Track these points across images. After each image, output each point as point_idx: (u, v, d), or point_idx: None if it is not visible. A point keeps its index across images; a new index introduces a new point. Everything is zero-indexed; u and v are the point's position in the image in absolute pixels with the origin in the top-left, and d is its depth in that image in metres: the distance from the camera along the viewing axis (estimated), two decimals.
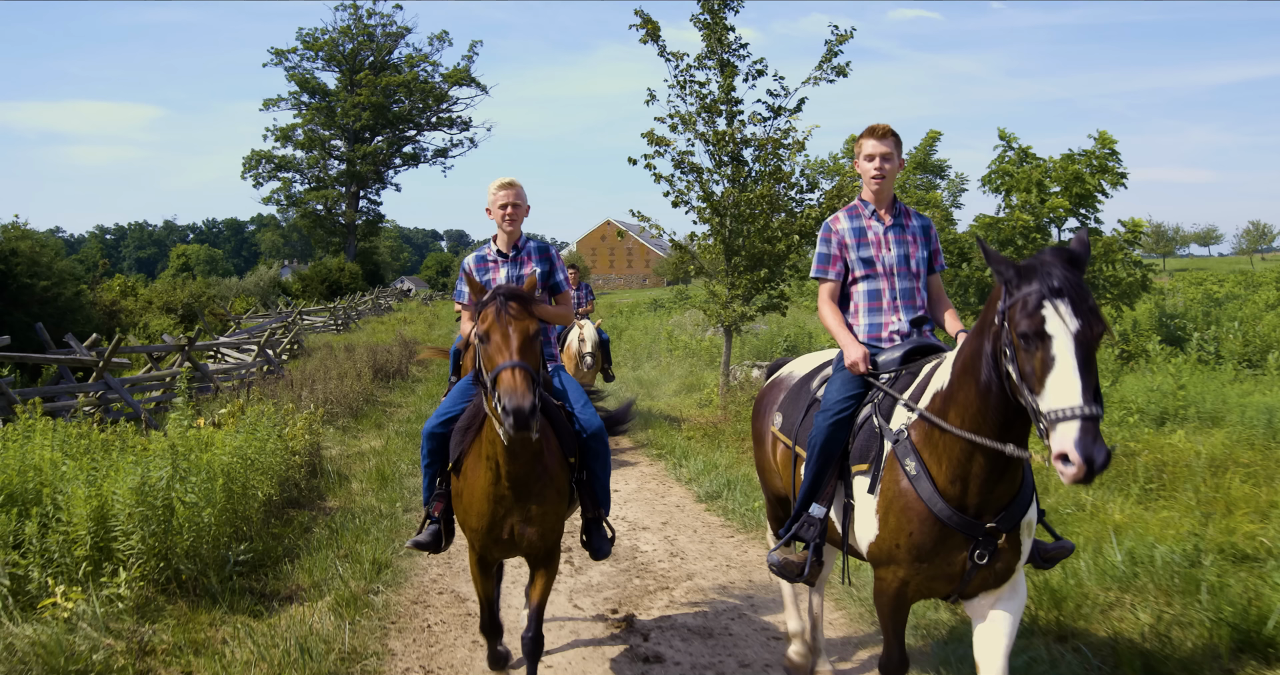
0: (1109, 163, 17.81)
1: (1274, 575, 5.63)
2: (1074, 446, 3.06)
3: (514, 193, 5.40)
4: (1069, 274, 3.33)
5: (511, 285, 4.47)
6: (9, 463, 6.91)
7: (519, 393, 3.93)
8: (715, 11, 15.31)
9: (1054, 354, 3.21)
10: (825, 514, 4.50)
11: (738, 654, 5.64)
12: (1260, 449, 9.08)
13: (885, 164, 4.76)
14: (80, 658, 4.88)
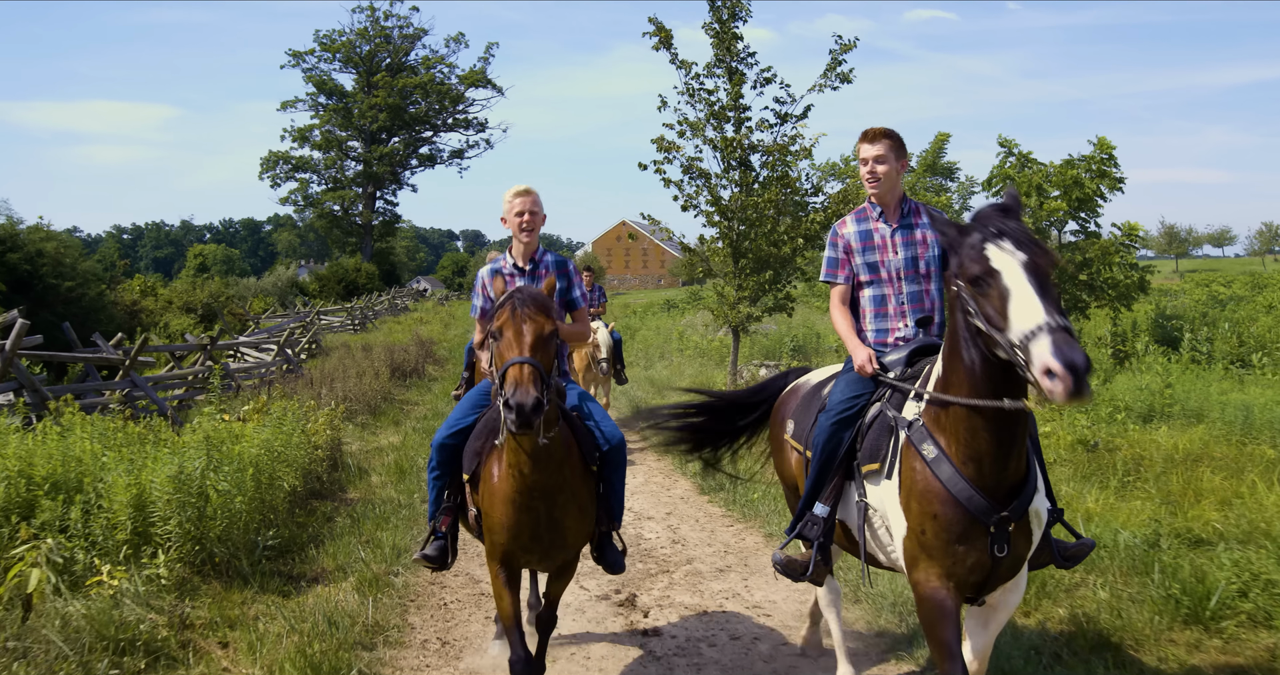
0: (1107, 168, 18.15)
1: (1222, 557, 6.06)
2: (1052, 356, 3.05)
3: (530, 200, 5.24)
4: (1005, 219, 3.45)
5: (530, 287, 4.34)
6: (52, 454, 7.40)
7: (524, 387, 3.82)
8: (724, 21, 15.78)
9: (1007, 285, 3.27)
10: (829, 513, 4.56)
11: (729, 628, 6.10)
12: (1236, 444, 9.49)
13: (879, 167, 4.77)
14: (129, 628, 5.36)
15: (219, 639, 5.78)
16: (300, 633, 5.66)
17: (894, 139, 4.82)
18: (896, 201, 4.89)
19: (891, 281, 4.80)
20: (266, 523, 7.76)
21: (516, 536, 4.46)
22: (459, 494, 4.90)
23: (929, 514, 3.85)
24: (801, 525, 4.64)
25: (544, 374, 3.96)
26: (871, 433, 4.36)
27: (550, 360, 4.10)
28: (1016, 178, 19.20)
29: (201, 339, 19.22)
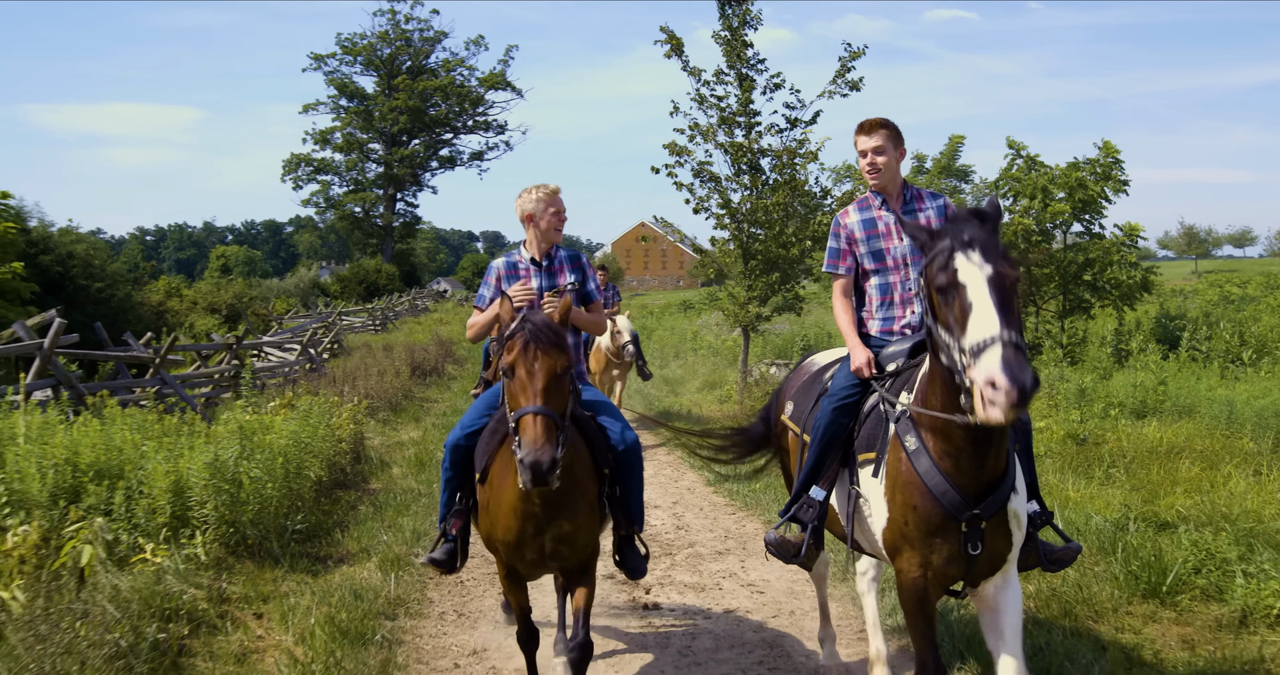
0: (1112, 171, 18.53)
1: (1182, 538, 6.48)
2: (1000, 370, 3.08)
3: (561, 199, 5.32)
4: (978, 228, 3.43)
5: (542, 315, 4.25)
6: (95, 444, 7.93)
7: (538, 445, 3.75)
8: (735, 29, 16.19)
9: (970, 300, 3.28)
10: (825, 497, 4.60)
11: (724, 603, 6.57)
12: (1220, 438, 9.89)
13: (878, 157, 4.80)
14: (172, 598, 5.86)
15: (254, 611, 6.28)
16: (329, 604, 6.17)
17: (890, 128, 4.86)
18: (898, 189, 4.91)
19: (897, 268, 4.81)
20: (295, 508, 8.27)
21: (519, 546, 4.43)
22: (471, 496, 4.84)
23: (910, 505, 3.92)
24: (796, 508, 4.71)
25: (559, 421, 3.90)
26: (869, 422, 4.41)
27: (564, 401, 4.03)
28: (1023, 180, 19.60)
29: (227, 339, 19.78)
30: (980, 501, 3.78)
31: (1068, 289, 18.19)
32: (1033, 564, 4.36)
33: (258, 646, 5.73)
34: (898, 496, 3.99)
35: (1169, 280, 55.58)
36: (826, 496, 4.62)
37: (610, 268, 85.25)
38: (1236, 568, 5.99)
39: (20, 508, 6.93)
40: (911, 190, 4.96)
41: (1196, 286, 38.40)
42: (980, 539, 3.82)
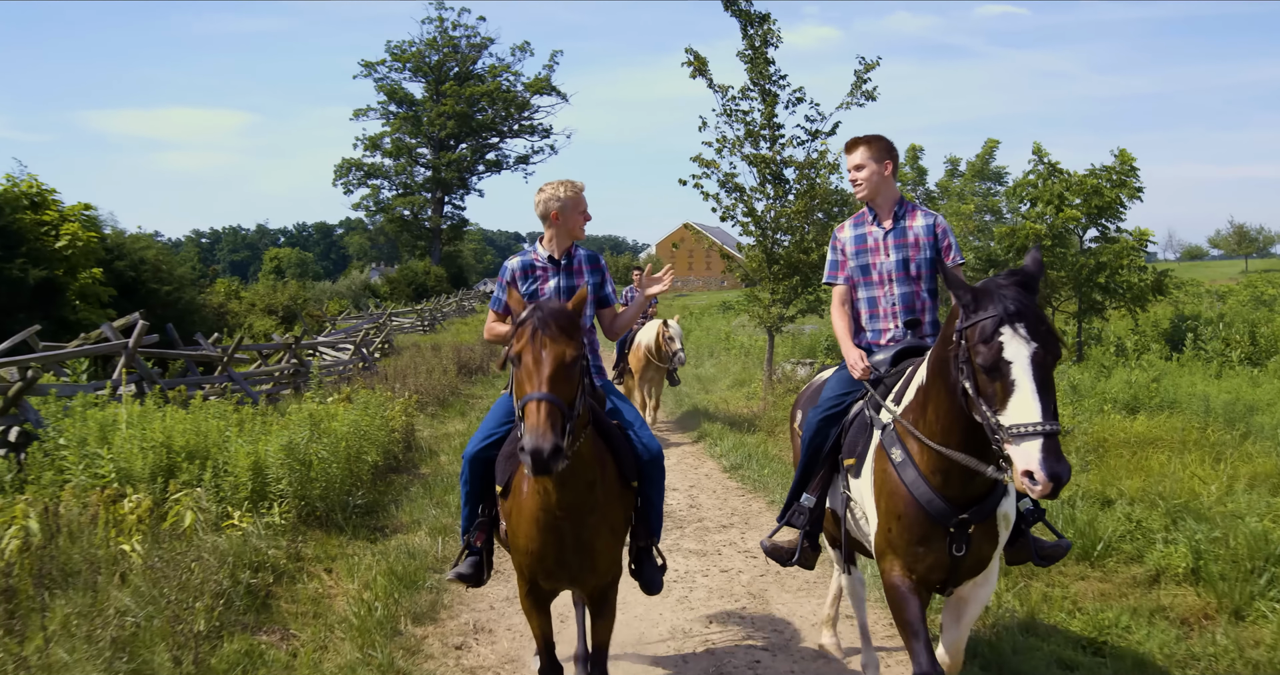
0: (1127, 178, 19.36)
1: (1118, 512, 7.48)
2: (1039, 465, 3.18)
3: (584, 197, 5.15)
4: (1023, 297, 3.46)
5: (555, 302, 4.04)
6: (186, 429, 9.17)
7: (539, 431, 3.54)
8: (758, 48, 17.23)
9: (1013, 378, 3.33)
10: (815, 503, 4.83)
11: (721, 565, 7.68)
12: (1194, 430, 10.79)
13: (858, 173, 4.98)
14: (258, 554, 7.06)
15: (324, 567, 7.47)
16: (387, 560, 7.35)
17: (873, 145, 5.01)
18: (890, 204, 5.03)
19: (883, 283, 4.97)
20: (355, 486, 9.45)
21: (541, 558, 4.29)
22: (493, 508, 4.74)
23: (894, 514, 4.07)
24: (790, 514, 4.93)
25: (565, 410, 3.68)
26: (853, 429, 4.60)
27: (573, 391, 3.80)
28: (1042, 186, 20.46)
29: (287, 339, 21.13)
30: (969, 507, 3.91)
31: (1082, 291, 19.05)
32: (1024, 559, 4.54)
33: (329, 593, 6.91)
34: (883, 504, 4.14)
35: (1215, 280, 55.79)
36: (818, 502, 4.84)
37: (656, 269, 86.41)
38: (1158, 536, 6.99)
39: (128, 482, 8.20)
40: (905, 206, 5.07)
41: (1232, 287, 38.73)
42: (967, 543, 3.95)
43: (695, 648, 6.01)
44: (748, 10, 17.12)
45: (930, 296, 5.03)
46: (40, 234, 20.90)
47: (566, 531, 4.20)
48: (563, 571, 4.35)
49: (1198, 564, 6.41)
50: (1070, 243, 19.65)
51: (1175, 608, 6.10)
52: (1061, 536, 4.71)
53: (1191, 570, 6.42)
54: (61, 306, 20.49)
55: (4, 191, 20.91)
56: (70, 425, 9.04)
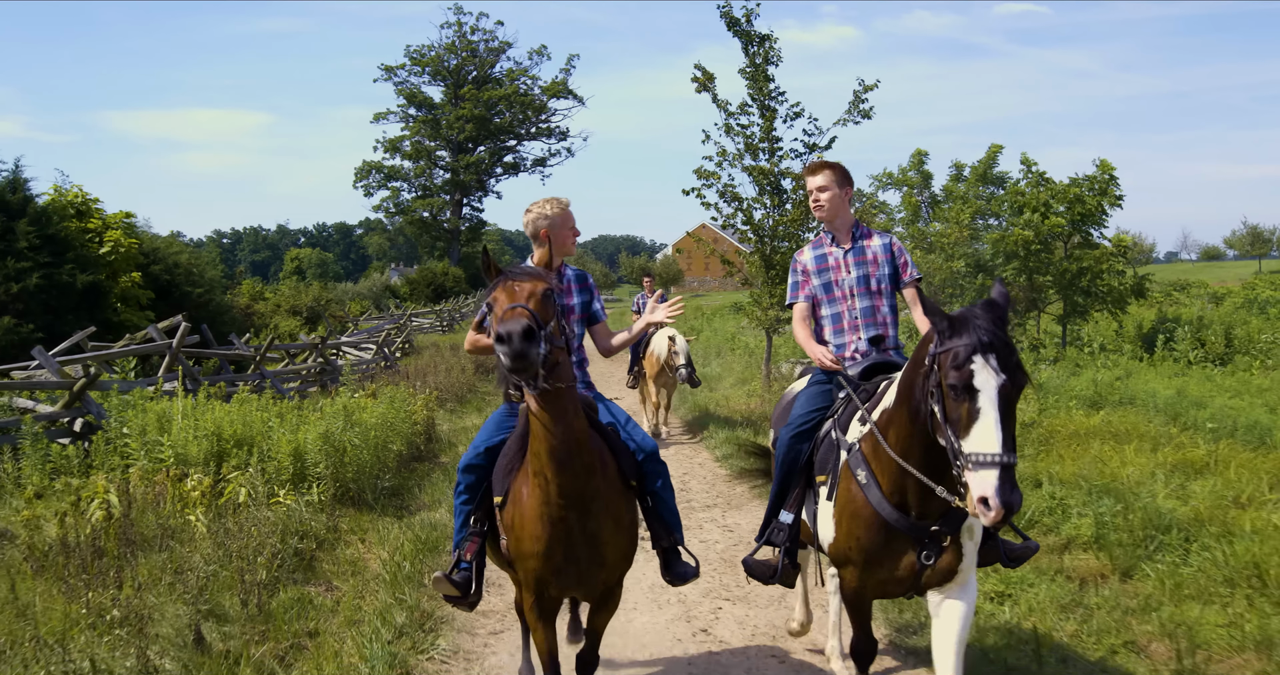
0: (1109, 187, 20.42)
1: (1045, 491, 8.57)
2: (994, 493, 3.35)
3: (572, 214, 5.21)
4: (997, 328, 3.58)
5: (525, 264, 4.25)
6: (235, 420, 10.37)
7: (514, 317, 3.59)
8: (759, 66, 18.35)
9: (979, 406, 3.46)
10: (794, 520, 4.94)
11: (700, 536, 8.84)
12: (1140, 423, 11.86)
13: (821, 195, 5.20)
14: (303, 524, 8.24)
15: (359, 538, 8.66)
16: (411, 532, 8.53)
17: (836, 170, 5.25)
18: (848, 227, 5.30)
19: (845, 299, 5.21)
20: (383, 471, 10.63)
21: (549, 556, 4.26)
22: (488, 520, 4.69)
23: (855, 536, 4.25)
24: (769, 532, 5.04)
25: (539, 322, 3.65)
26: (824, 447, 4.74)
27: (548, 314, 3.83)
28: (1028, 194, 21.53)
29: (313, 339, 22.39)
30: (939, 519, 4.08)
31: (1066, 295, 20.12)
32: (994, 560, 4.64)
33: (363, 557, 8.10)
34: (844, 524, 4.32)
35: (1225, 281, 56.51)
36: (795, 519, 4.96)
37: (670, 270, 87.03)
38: (1074, 511, 8.10)
39: (184, 465, 9.41)
40: (861, 229, 5.35)
41: (1233, 289, 39.61)
42: (937, 552, 4.12)
43: (670, 599, 7.16)
44: (749, 31, 18.22)
45: (891, 312, 5.27)
46: (85, 241, 22.29)
47: (573, 522, 4.17)
48: (571, 569, 4.29)
49: (1100, 533, 7.51)
50: (1055, 248, 20.70)
51: (1076, 569, 7.20)
52: (1028, 538, 4.81)
53: (1095, 538, 7.52)
54: (105, 309, 21.86)
55: (51, 201, 22.29)
56: (133, 416, 10.29)
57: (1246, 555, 6.57)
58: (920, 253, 21.01)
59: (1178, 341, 17.55)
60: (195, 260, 28.74)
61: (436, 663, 6.02)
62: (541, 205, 5.12)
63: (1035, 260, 19.73)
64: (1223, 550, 6.80)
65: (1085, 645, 5.89)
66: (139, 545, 7.45)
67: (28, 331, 18.87)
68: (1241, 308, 30.18)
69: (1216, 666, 5.48)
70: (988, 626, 6.23)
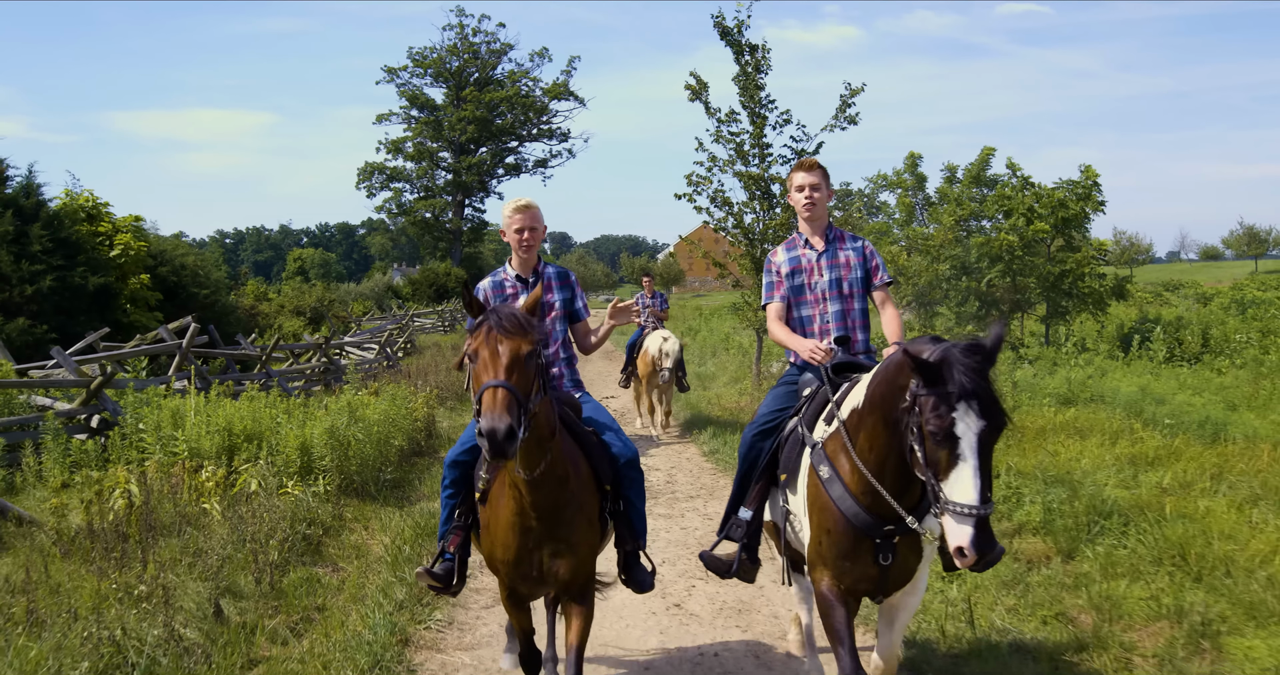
0: (1091, 192, 21.03)
1: (1000, 482, 9.15)
2: (969, 543, 3.40)
3: (530, 216, 5.24)
4: (981, 374, 3.56)
5: (509, 305, 4.19)
6: (245, 416, 10.98)
7: (495, 413, 3.65)
8: (750, 75, 18.94)
9: (959, 452, 3.47)
10: (752, 517, 5.00)
11: (683, 524, 9.46)
12: (1103, 418, 12.46)
13: (815, 193, 5.17)
14: (310, 512, 8.85)
15: (362, 525, 9.27)
16: (411, 518, 9.14)
17: (825, 169, 5.24)
18: (822, 229, 5.32)
19: (818, 302, 5.24)
20: (385, 465, 11.23)
21: (518, 564, 4.44)
22: (471, 514, 4.79)
23: (824, 529, 4.27)
24: (728, 528, 5.12)
25: (520, 398, 3.77)
26: (788, 445, 4.78)
27: (529, 382, 3.91)
28: (1013, 198, 22.12)
29: (317, 339, 23.01)
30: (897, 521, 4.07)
31: (1049, 296, 20.72)
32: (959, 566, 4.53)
33: (366, 542, 8.71)
34: (815, 518, 4.35)
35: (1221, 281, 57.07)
36: (754, 516, 5.03)
37: (671, 271, 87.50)
38: (1027, 498, 8.69)
39: (199, 458, 10.03)
40: (834, 231, 5.36)
41: (1220, 289, 40.18)
42: (892, 552, 4.15)
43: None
44: (740, 41, 18.84)
45: (862, 315, 5.32)
46: (96, 244, 22.95)
47: (543, 533, 4.34)
48: (540, 573, 4.45)
49: (1048, 519, 8.11)
50: (1039, 251, 21.31)
51: (1025, 551, 7.79)
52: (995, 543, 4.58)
53: (1043, 524, 8.11)
54: (115, 310, 22.52)
55: (63, 206, 22.96)
56: (149, 413, 10.90)
57: (1174, 537, 7.17)
58: (906, 255, 21.59)
59: (1153, 341, 18.10)
60: (201, 262, 29.41)
61: (433, 632, 6.63)
62: (505, 208, 5.37)
63: (1019, 263, 20.33)
64: (1154, 534, 7.40)
65: (1021, 616, 6.49)
66: (159, 531, 8.05)
67: (42, 332, 19.58)
68: (1227, 308, 30.77)
69: (1133, 634, 6.08)
70: (933, 601, 6.83)
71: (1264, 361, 15.77)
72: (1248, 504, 8.27)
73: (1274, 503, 8.18)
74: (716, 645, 6.41)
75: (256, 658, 5.93)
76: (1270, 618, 5.91)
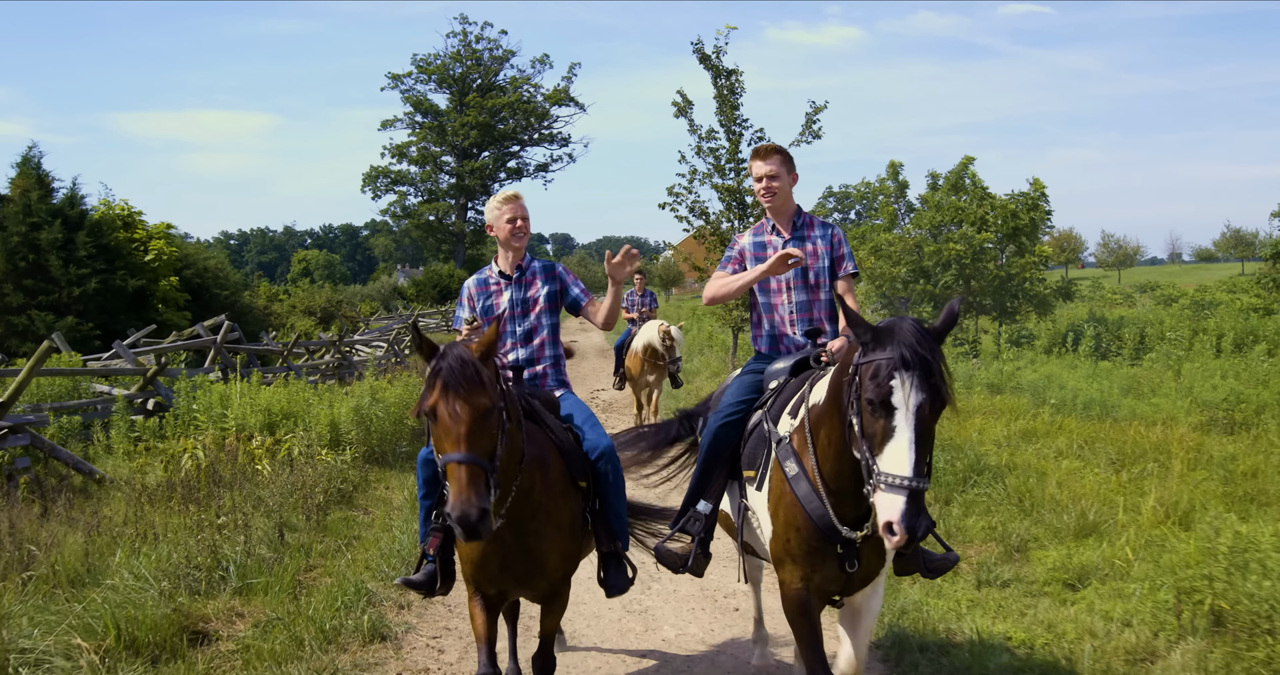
0: (1039, 202, 23.06)
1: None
2: (900, 518, 3.29)
3: (518, 206, 5.17)
4: (921, 344, 3.45)
5: (461, 350, 3.89)
6: (281, 398, 13.00)
7: (465, 497, 3.56)
8: (725, 97, 20.92)
9: (894, 424, 3.37)
10: (711, 510, 4.87)
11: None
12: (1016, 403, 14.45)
13: (773, 182, 5.00)
14: (341, 473, 10.87)
15: (384, 485, 11.30)
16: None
17: (784, 154, 5.06)
18: (789, 215, 5.14)
19: (782, 291, 5.08)
20: (401, 439, 13.25)
21: (484, 567, 4.35)
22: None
23: (792, 526, 4.13)
24: (684, 521, 4.95)
25: (486, 466, 3.69)
26: (752, 440, 4.65)
27: (492, 442, 3.79)
28: (967, 209, 24.13)
29: (331, 337, 25.08)
30: (859, 525, 3.98)
31: (997, 298, 22.75)
32: (913, 570, 4.58)
33: (387, 497, 10.74)
34: (780, 514, 4.22)
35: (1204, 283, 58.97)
36: (713, 510, 4.89)
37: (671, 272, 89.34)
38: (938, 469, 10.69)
39: (245, 432, 12.07)
40: (803, 216, 5.19)
41: (1186, 291, 42.16)
42: (856, 558, 4.06)
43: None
44: (718, 65, 20.82)
45: (829, 305, 5.14)
46: (132, 249, 25.08)
47: (510, 541, 4.25)
48: (508, 578, 4.39)
49: (936, 477, 10.11)
50: (990, 255, 23.35)
51: None
52: (950, 549, 4.68)
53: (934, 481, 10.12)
54: (149, 309, 24.62)
55: (101, 214, 25.08)
56: (201, 396, 12.96)
57: (1015, 486, 9.20)
58: (872, 259, 23.60)
59: (1085, 339, 20.06)
60: (221, 264, 31.56)
61: None
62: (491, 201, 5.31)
63: (971, 268, 22.34)
64: (1005, 484, 9.41)
65: None
66: (222, 485, 10.08)
67: (88, 329, 21.80)
68: (1185, 309, 32.74)
69: (970, 550, 8.09)
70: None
71: (1171, 355, 17.75)
72: (1098, 465, 10.29)
73: (1108, 460, 10.22)
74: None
75: (314, 565, 7.96)
76: (1066, 536, 7.95)
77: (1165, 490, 8.69)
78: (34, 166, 23.62)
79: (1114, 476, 9.61)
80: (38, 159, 23.88)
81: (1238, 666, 5.27)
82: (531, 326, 5.25)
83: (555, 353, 5.34)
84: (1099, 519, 8.19)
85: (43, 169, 23.71)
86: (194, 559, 7.35)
